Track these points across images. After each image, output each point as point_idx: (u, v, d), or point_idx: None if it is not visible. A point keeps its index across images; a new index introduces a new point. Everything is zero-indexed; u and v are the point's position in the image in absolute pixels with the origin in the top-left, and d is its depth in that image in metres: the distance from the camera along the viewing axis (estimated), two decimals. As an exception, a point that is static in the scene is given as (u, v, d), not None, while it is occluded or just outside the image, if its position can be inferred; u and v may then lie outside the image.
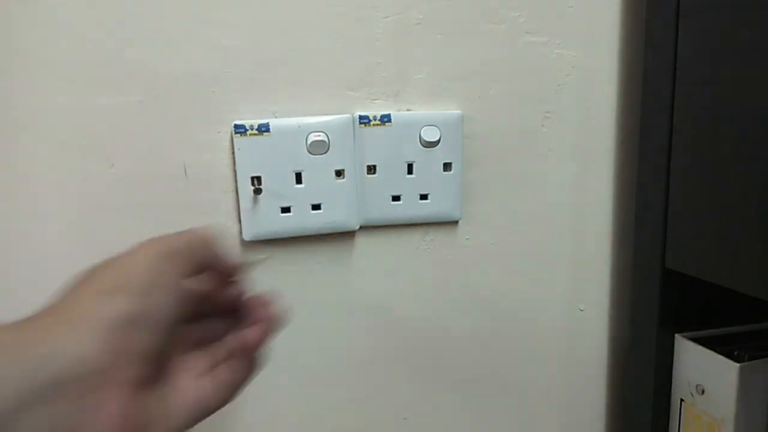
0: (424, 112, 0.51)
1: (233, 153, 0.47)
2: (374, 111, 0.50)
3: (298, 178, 0.48)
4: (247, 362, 0.32)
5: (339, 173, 0.49)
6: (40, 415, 0.22)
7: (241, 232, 0.49)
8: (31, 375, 0.22)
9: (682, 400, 0.52)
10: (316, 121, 0.48)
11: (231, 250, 0.33)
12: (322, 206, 0.49)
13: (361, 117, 0.49)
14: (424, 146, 0.50)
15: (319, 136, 0.47)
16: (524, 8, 0.52)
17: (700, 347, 0.50)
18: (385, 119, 0.49)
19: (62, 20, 0.44)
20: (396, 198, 0.51)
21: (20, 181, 0.45)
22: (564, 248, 0.58)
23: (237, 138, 0.47)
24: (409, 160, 0.50)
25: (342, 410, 0.55)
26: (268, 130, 0.47)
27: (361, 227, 0.51)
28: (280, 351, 0.53)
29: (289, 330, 0.52)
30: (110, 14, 0.45)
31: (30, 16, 0.44)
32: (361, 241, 0.52)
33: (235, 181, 0.48)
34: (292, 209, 0.48)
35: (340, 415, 0.55)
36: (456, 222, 0.54)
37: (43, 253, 0.46)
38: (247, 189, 0.48)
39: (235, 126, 0.47)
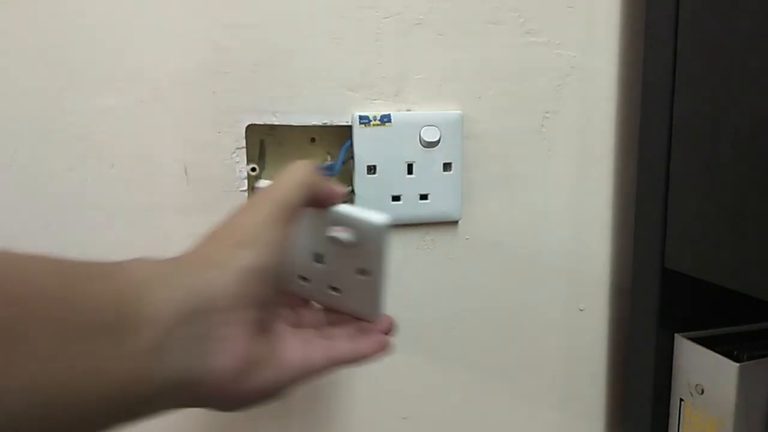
0: (424, 112, 0.51)
1: (234, 153, 0.47)
2: (374, 111, 0.50)
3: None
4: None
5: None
6: (186, 334, 0.26)
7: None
8: (185, 299, 0.26)
9: (681, 399, 0.52)
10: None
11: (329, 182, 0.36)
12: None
13: (361, 117, 0.49)
14: (424, 146, 0.50)
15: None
16: (524, 8, 0.52)
17: (699, 347, 0.50)
18: (385, 119, 0.49)
19: (62, 20, 0.44)
20: (396, 198, 0.51)
21: (20, 181, 0.45)
22: (564, 248, 0.58)
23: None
24: (409, 160, 0.50)
25: (341, 409, 0.55)
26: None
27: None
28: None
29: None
30: (110, 14, 0.45)
31: (29, 16, 0.44)
32: (361, 241, 0.52)
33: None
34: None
35: (340, 414, 0.55)
36: (456, 222, 0.54)
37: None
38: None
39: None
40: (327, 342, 0.36)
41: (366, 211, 0.36)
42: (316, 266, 0.38)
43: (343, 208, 0.36)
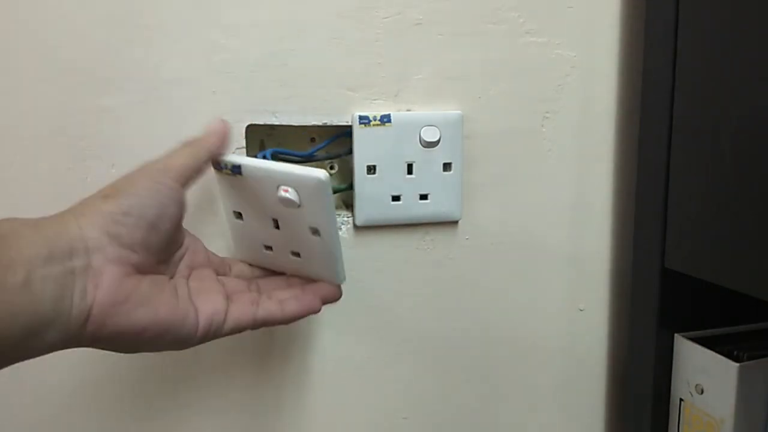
0: (424, 112, 0.51)
1: (234, 153, 0.47)
2: (374, 111, 0.50)
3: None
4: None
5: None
6: (54, 272, 0.30)
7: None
8: (45, 243, 0.30)
9: (681, 399, 0.52)
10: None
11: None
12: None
13: (361, 117, 0.49)
14: (424, 146, 0.50)
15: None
16: (524, 8, 0.52)
17: (699, 347, 0.50)
18: (385, 119, 0.49)
19: (62, 20, 0.44)
20: (396, 198, 0.51)
21: (20, 181, 0.45)
22: (564, 248, 0.58)
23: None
24: (409, 160, 0.50)
25: (341, 409, 0.55)
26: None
27: (360, 227, 0.51)
28: (279, 351, 0.53)
29: (287, 330, 0.52)
30: (110, 14, 0.45)
31: (30, 15, 0.44)
32: (361, 241, 0.52)
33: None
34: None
35: (339, 414, 0.55)
36: (456, 222, 0.54)
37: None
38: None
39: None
40: (253, 303, 0.39)
41: (306, 168, 0.38)
42: (275, 233, 0.41)
43: (285, 167, 0.38)
